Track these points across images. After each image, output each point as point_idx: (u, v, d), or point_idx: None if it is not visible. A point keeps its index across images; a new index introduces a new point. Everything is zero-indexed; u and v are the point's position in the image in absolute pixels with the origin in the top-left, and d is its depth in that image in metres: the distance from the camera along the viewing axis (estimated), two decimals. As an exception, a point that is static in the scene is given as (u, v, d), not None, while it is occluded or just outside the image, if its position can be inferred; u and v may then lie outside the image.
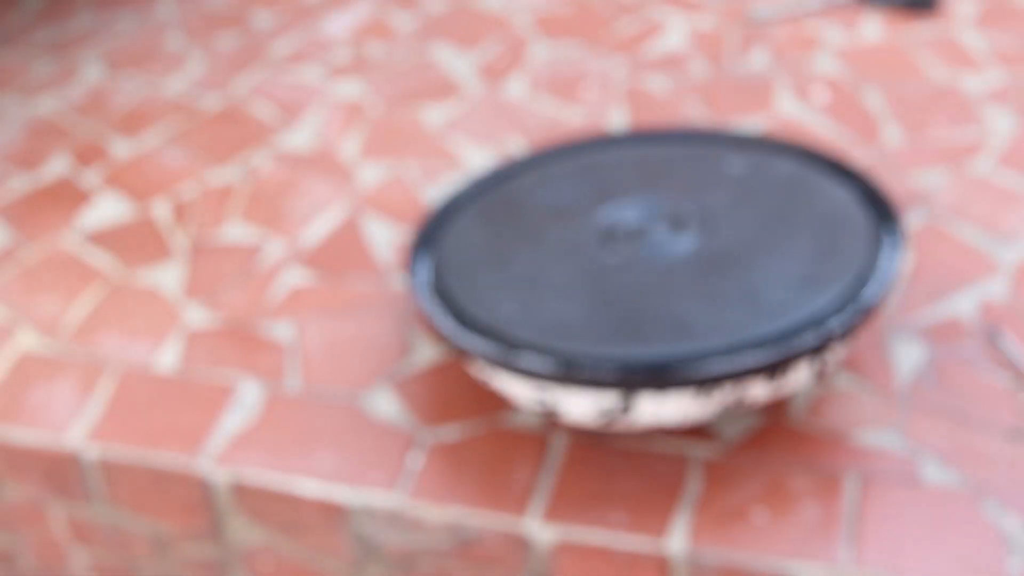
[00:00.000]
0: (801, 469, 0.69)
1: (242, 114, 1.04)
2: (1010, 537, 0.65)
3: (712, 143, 0.85)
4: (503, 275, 0.74)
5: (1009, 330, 0.77)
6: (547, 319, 0.69)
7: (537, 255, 0.75)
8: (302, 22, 1.17)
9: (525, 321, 0.69)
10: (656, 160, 0.84)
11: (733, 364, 0.64)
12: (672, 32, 1.12)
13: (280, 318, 0.82)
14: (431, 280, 0.76)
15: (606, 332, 0.68)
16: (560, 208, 0.80)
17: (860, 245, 0.72)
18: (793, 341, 0.65)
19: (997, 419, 0.71)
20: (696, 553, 0.65)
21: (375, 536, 0.71)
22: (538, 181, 0.83)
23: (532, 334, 0.68)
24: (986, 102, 0.99)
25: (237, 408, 0.76)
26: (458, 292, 0.73)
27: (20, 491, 0.79)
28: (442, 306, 0.73)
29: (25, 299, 0.86)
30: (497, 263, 0.75)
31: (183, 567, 0.80)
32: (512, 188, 0.83)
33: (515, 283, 0.73)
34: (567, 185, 0.82)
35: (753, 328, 0.66)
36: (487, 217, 0.80)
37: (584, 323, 0.69)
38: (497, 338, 0.69)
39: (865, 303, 0.67)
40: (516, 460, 0.71)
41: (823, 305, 0.68)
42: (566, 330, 0.68)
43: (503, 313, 0.70)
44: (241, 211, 0.93)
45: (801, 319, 0.67)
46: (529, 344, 0.68)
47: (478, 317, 0.70)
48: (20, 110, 1.06)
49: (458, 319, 0.71)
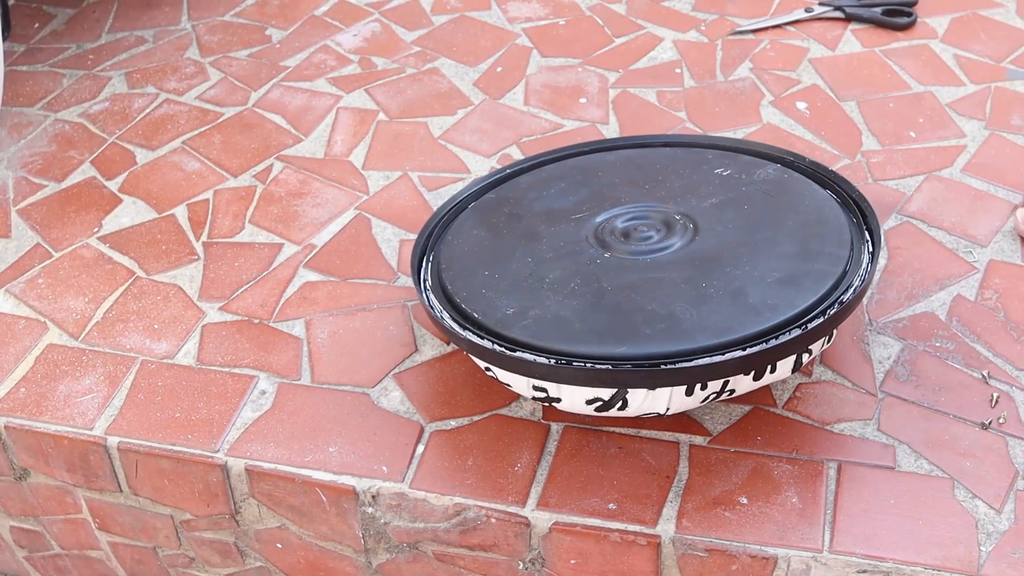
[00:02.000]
0: (784, 459, 0.71)
1: (257, 123, 1.05)
2: (981, 521, 0.67)
3: (700, 149, 0.86)
4: (502, 275, 0.75)
5: (979, 327, 0.79)
6: (544, 317, 0.70)
7: (534, 255, 0.76)
8: (315, 36, 1.18)
9: (524, 319, 0.70)
10: (647, 165, 0.85)
11: (718, 364, 0.65)
12: (662, 46, 1.13)
13: (293, 316, 0.84)
14: (436, 280, 0.77)
15: (599, 331, 0.68)
16: (556, 211, 0.80)
17: (840, 247, 0.73)
18: (776, 341, 0.66)
19: (968, 410, 0.74)
20: (684, 537, 0.67)
21: (382, 521, 0.73)
22: (535, 184, 0.84)
23: (530, 333, 0.69)
24: (960, 112, 1.01)
25: (253, 401, 0.78)
26: (461, 291, 0.74)
27: (46, 479, 0.82)
28: (447, 305, 0.74)
29: (52, 298, 0.88)
30: (496, 263, 0.76)
31: (201, 550, 0.82)
32: (510, 192, 0.84)
33: (513, 282, 0.74)
34: (562, 189, 0.83)
35: (738, 328, 0.67)
36: (487, 220, 0.81)
37: (578, 321, 0.69)
38: (499, 337, 0.70)
39: (844, 303, 0.69)
40: (516, 449, 0.73)
41: (804, 304, 0.69)
42: (561, 328, 0.69)
43: (503, 311, 0.71)
44: (256, 215, 0.94)
45: (784, 318, 0.68)
46: (527, 344, 0.68)
47: (480, 315, 0.72)
48: (47, 121, 1.08)
49: (461, 317, 0.72)
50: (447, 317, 0.73)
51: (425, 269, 0.79)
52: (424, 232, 0.82)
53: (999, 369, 0.76)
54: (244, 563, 0.82)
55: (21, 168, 1.02)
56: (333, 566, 0.78)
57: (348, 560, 0.77)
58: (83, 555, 0.88)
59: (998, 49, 1.09)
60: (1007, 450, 0.71)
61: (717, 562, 0.67)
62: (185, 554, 0.83)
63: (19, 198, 0.98)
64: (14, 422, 0.79)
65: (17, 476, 0.83)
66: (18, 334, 0.85)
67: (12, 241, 0.94)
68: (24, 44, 1.21)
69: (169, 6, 1.25)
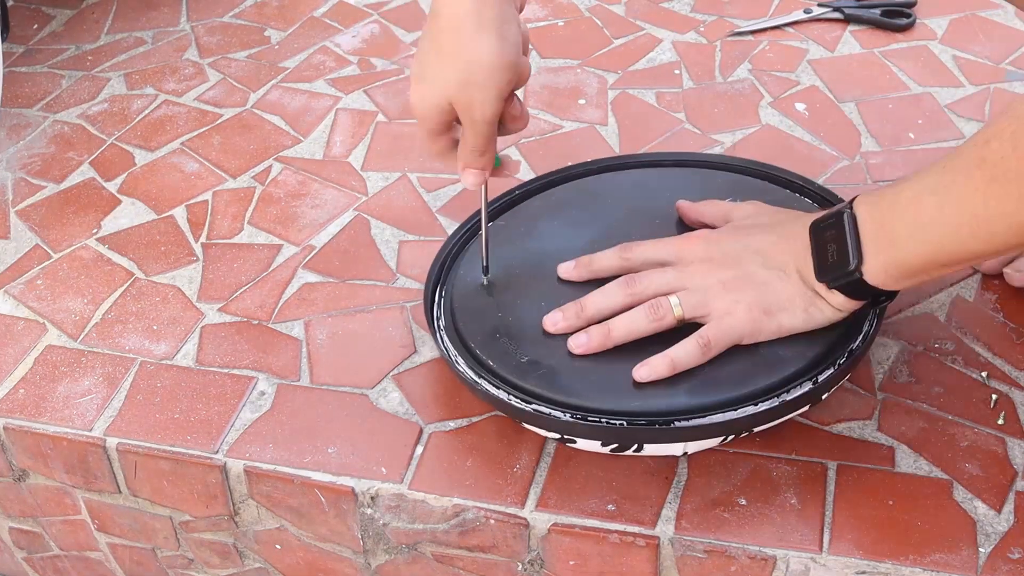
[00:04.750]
0: (783, 460, 0.71)
1: (256, 125, 1.05)
2: (980, 522, 0.67)
3: (711, 170, 0.85)
4: (515, 319, 0.74)
5: (978, 328, 0.80)
6: (558, 368, 0.70)
7: (546, 299, 0.74)
8: (314, 38, 1.18)
9: (539, 369, 0.70)
10: (659, 192, 0.82)
11: (731, 422, 0.66)
12: (661, 47, 1.13)
13: (292, 317, 0.84)
14: (449, 320, 0.76)
15: (614, 382, 0.69)
16: (566, 250, 0.78)
17: None
18: (787, 396, 0.67)
19: (968, 411, 0.74)
20: (683, 538, 0.68)
21: (381, 522, 0.73)
22: (545, 211, 0.82)
23: (545, 384, 0.69)
24: (959, 113, 1.01)
25: (252, 402, 0.78)
26: (476, 336, 0.74)
27: (45, 480, 0.82)
28: (461, 349, 0.73)
29: (51, 299, 0.88)
30: (509, 306, 0.75)
31: (200, 551, 0.82)
32: (521, 218, 0.83)
33: (527, 327, 0.73)
34: (573, 220, 0.81)
35: (750, 381, 0.68)
36: (497, 253, 0.79)
37: (593, 372, 0.69)
38: (514, 387, 0.70)
39: (850, 359, 0.69)
40: (515, 450, 0.73)
41: (814, 354, 0.69)
42: (577, 379, 0.69)
43: (519, 359, 0.71)
44: (255, 216, 0.95)
45: (794, 370, 0.68)
46: (543, 396, 0.69)
47: (496, 364, 0.71)
48: (46, 122, 1.08)
49: (476, 363, 0.72)
50: (462, 362, 0.73)
51: (439, 305, 0.78)
52: (437, 262, 0.81)
53: (998, 370, 0.77)
54: (243, 564, 0.82)
55: (20, 169, 1.02)
56: (332, 567, 0.78)
57: (347, 561, 0.77)
58: (82, 556, 0.88)
59: (997, 51, 1.09)
60: (1006, 451, 0.71)
61: (716, 563, 0.67)
62: (184, 555, 0.83)
63: (18, 199, 0.99)
64: (13, 423, 0.79)
65: (16, 477, 0.83)
66: (17, 335, 0.85)
67: (11, 242, 0.94)
68: (23, 45, 1.21)
69: (168, 7, 1.25)
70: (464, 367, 0.72)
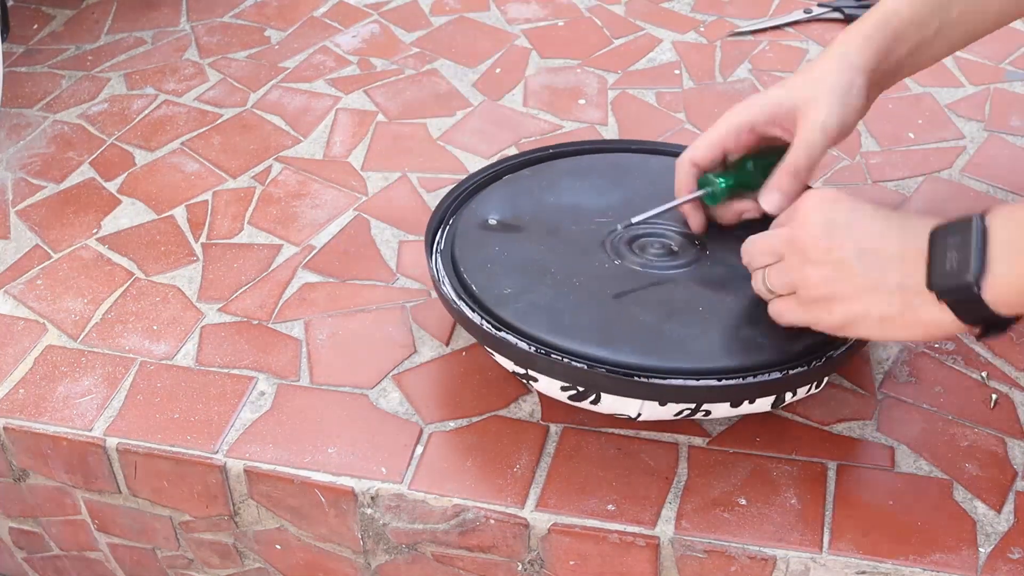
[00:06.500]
0: (783, 460, 0.71)
1: (256, 125, 1.05)
2: (980, 522, 0.67)
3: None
4: (511, 254, 0.76)
5: None
6: (537, 304, 0.71)
7: (548, 245, 0.77)
8: (314, 38, 1.18)
9: (517, 302, 0.72)
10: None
11: (690, 388, 0.66)
12: (661, 47, 1.13)
13: (292, 317, 0.84)
14: (448, 245, 0.78)
15: (585, 329, 0.69)
16: (582, 209, 0.80)
17: None
18: (753, 379, 0.67)
19: (968, 411, 0.74)
20: (683, 538, 0.68)
21: (381, 522, 0.73)
22: (571, 172, 0.84)
23: (519, 316, 0.70)
24: (959, 113, 1.01)
25: (252, 402, 0.78)
26: (467, 261, 0.75)
27: (45, 480, 0.82)
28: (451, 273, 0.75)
29: (51, 299, 0.88)
30: (510, 243, 0.77)
31: (200, 551, 0.83)
32: (547, 173, 0.84)
33: (519, 264, 0.75)
34: (597, 186, 0.83)
35: (721, 357, 0.67)
36: (514, 198, 0.81)
37: (569, 316, 0.70)
38: (490, 314, 0.71)
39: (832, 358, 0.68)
40: (515, 450, 0.73)
41: (794, 349, 0.68)
42: (551, 318, 0.70)
43: (501, 290, 0.72)
44: (255, 216, 0.95)
45: (767, 359, 0.67)
46: (514, 326, 0.70)
47: (478, 289, 0.73)
48: (46, 122, 1.08)
49: (462, 287, 0.74)
50: (447, 283, 0.75)
51: (442, 232, 0.80)
52: (453, 193, 0.82)
53: (998, 370, 0.77)
54: (243, 564, 0.82)
55: (20, 169, 1.02)
56: (332, 567, 0.78)
57: (347, 561, 0.77)
58: (82, 556, 0.88)
59: (997, 50, 1.09)
60: (1006, 451, 0.71)
61: (716, 563, 0.68)
62: (184, 555, 0.83)
63: (18, 199, 0.99)
64: (13, 423, 0.79)
65: (16, 477, 0.83)
66: (17, 335, 0.85)
67: (11, 242, 0.94)
68: (23, 45, 1.22)
69: (168, 7, 1.26)
70: (448, 288, 0.74)
